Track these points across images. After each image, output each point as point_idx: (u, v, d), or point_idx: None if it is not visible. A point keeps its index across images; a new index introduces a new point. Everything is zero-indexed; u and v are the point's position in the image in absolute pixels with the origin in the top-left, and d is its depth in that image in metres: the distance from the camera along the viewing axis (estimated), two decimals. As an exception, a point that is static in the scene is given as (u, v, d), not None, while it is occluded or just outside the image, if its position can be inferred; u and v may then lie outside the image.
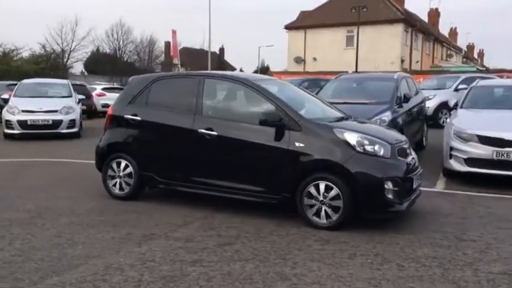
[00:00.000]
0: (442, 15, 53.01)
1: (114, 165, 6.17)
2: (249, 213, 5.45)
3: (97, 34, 64.67)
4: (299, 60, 41.31)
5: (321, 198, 4.96)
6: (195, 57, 51.63)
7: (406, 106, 9.12)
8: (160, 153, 5.90)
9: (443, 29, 55.88)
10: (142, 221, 5.23)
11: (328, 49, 38.93)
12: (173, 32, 37.87)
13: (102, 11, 79.38)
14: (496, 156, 7.06)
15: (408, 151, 5.46)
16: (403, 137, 5.71)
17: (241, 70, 48.42)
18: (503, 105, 8.58)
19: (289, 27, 42.57)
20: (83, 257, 4.12)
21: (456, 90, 15.08)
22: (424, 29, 42.81)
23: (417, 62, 41.05)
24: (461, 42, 62.75)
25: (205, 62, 36.12)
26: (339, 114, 5.94)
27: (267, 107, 5.37)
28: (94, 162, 6.52)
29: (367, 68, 31.98)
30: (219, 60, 58.93)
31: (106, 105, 18.29)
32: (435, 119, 14.66)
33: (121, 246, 4.43)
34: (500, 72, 26.48)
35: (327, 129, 5.15)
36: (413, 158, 5.44)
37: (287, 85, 6.68)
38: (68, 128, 12.89)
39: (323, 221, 4.97)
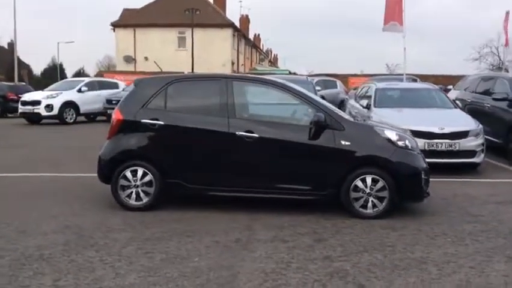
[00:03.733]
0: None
1: (128, 174, 5.69)
2: (290, 211, 5.66)
3: None
4: (129, 59, 40.16)
5: (368, 190, 5.48)
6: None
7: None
8: (189, 158, 5.68)
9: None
10: (210, 229, 5.03)
11: (159, 49, 38.67)
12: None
13: None
14: (428, 147, 8.44)
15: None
16: (408, 132, 6.56)
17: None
18: (410, 104, 10.14)
19: (116, 25, 41.01)
20: (209, 268, 3.94)
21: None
22: (245, 34, 45.61)
23: (242, 64, 43.58)
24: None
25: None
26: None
27: (307, 108, 5.66)
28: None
29: (201, 70, 32.93)
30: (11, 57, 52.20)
31: None
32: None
33: (235, 253, 4.32)
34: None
35: (368, 127, 5.72)
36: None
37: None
38: None
39: (369, 211, 5.51)
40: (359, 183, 5.50)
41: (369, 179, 5.49)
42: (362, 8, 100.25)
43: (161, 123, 5.69)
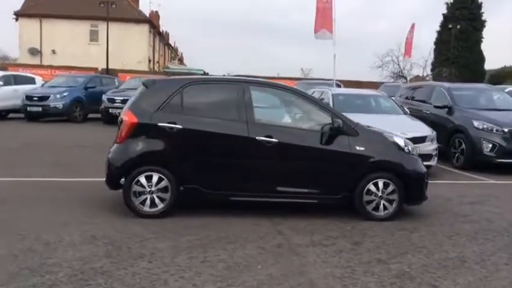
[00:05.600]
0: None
1: (143, 180, 5.46)
2: (303, 215, 5.81)
3: None
4: (35, 51, 37.39)
5: (380, 194, 5.80)
6: None
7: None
8: (207, 163, 5.58)
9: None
10: (243, 235, 5.01)
11: (69, 42, 36.51)
12: None
13: None
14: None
15: None
16: None
17: None
18: (365, 109, 10.67)
19: (19, 14, 37.97)
20: (283, 275, 3.97)
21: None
22: (160, 31, 44.64)
23: (157, 62, 42.62)
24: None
25: None
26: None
27: (322, 114, 5.84)
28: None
29: (114, 66, 31.80)
30: None
31: None
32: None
33: (290, 259, 4.36)
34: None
35: (378, 134, 6.02)
36: None
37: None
38: None
39: (381, 213, 5.83)
40: (372, 187, 5.79)
41: (381, 183, 5.79)
42: (268, 10, 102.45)
43: (180, 127, 5.53)
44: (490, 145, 9.97)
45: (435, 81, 16.63)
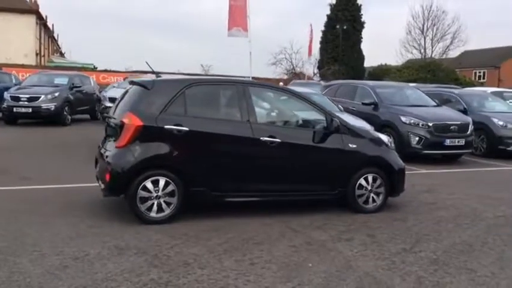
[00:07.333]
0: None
1: (149, 185, 5.25)
2: (302, 212, 6.00)
3: None
4: None
5: (369, 187, 6.19)
6: None
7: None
8: (214, 165, 5.51)
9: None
10: (265, 235, 5.06)
11: None
12: None
13: None
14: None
15: None
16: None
17: None
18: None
19: None
20: (346, 270, 4.13)
21: None
22: (46, 23, 41.35)
23: (43, 56, 39.54)
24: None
25: None
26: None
27: (317, 113, 6.07)
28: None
29: (-2, 60, 29.19)
30: None
31: None
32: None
33: (333, 255, 4.52)
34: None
35: (365, 131, 6.41)
36: None
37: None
38: None
39: (370, 206, 6.22)
40: (363, 182, 6.15)
41: (370, 177, 6.19)
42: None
43: (186, 129, 5.39)
44: (417, 138, 10.98)
45: (358, 80, 17.73)
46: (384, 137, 6.56)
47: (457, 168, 10.54)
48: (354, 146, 6.11)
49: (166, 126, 5.34)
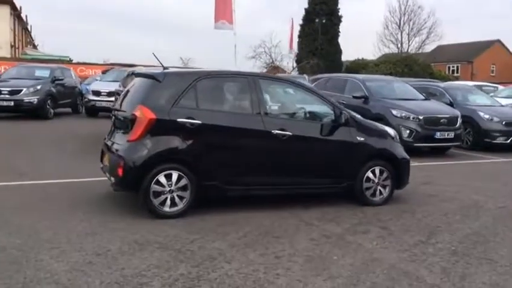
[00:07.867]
0: None
1: (162, 179, 5.17)
2: (310, 205, 6.02)
3: None
4: None
5: (376, 180, 6.24)
6: None
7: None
8: (226, 159, 5.47)
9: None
10: (281, 228, 5.06)
11: None
12: None
13: None
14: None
15: None
16: None
17: None
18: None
19: None
20: (370, 263, 4.16)
21: None
22: (19, 14, 40.16)
23: (17, 48, 38.47)
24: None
25: None
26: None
27: (326, 107, 6.07)
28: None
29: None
30: None
31: None
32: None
33: (356, 248, 4.55)
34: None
35: (372, 124, 6.44)
36: None
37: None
38: None
39: (377, 198, 6.28)
40: (370, 174, 6.20)
41: (377, 170, 6.24)
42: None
43: (199, 122, 5.32)
44: (408, 131, 11.12)
45: (347, 74, 17.83)
46: (390, 130, 6.62)
47: (447, 161, 10.73)
48: (362, 138, 6.14)
49: (178, 120, 5.26)
